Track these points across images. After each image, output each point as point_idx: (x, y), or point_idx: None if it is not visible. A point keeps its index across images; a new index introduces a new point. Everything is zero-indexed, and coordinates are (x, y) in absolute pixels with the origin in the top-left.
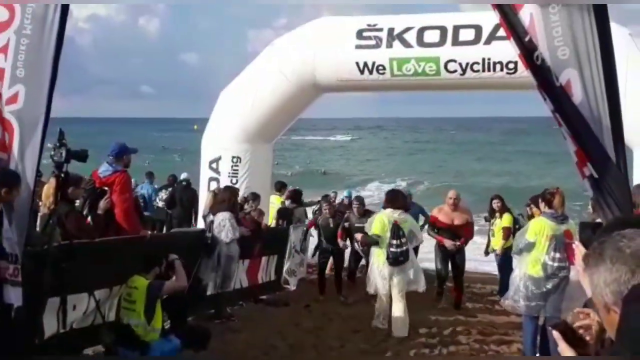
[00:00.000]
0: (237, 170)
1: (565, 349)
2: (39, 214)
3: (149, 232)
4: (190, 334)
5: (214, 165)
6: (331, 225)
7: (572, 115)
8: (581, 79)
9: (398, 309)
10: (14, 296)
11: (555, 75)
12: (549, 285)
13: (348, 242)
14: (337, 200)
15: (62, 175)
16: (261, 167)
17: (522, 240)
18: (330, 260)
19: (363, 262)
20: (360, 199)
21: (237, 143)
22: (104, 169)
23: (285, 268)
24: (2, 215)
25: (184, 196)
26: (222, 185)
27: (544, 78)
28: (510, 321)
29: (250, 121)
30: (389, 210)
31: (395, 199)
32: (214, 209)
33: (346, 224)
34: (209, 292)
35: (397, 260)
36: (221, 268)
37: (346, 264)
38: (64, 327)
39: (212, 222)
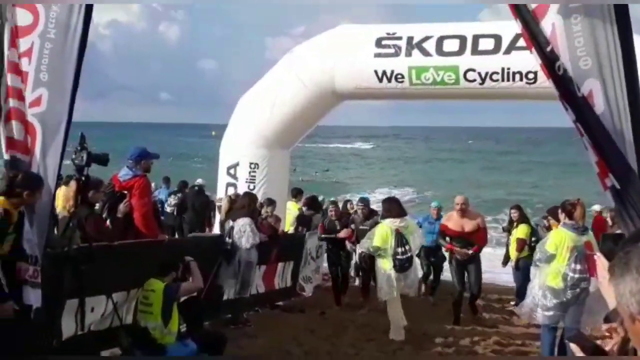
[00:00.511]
0: (254, 176)
1: None
2: (59, 217)
3: (167, 237)
4: (206, 338)
5: (231, 171)
6: (338, 228)
7: (594, 125)
8: (603, 89)
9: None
10: (34, 297)
11: (577, 86)
12: (569, 297)
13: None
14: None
15: (83, 178)
16: (278, 174)
17: (543, 251)
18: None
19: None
20: (365, 201)
21: (255, 149)
22: (124, 173)
23: (301, 275)
24: (23, 217)
25: (196, 202)
26: (239, 191)
27: (566, 88)
28: (528, 332)
29: (268, 128)
30: (388, 220)
31: (391, 208)
32: (231, 214)
33: (352, 226)
34: (227, 297)
35: (403, 267)
36: (240, 274)
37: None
38: (82, 329)
39: (232, 227)
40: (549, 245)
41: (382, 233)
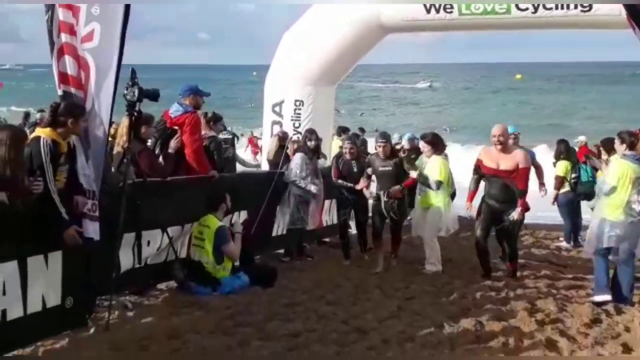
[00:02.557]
0: (299, 113)
1: None
2: (113, 153)
3: (217, 173)
4: (258, 272)
5: (277, 109)
6: (354, 169)
7: None
8: None
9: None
10: (92, 230)
11: None
12: (629, 228)
13: (373, 190)
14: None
15: (135, 114)
16: (323, 110)
17: (604, 183)
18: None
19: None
20: (385, 136)
21: (300, 86)
22: (175, 109)
23: None
24: (74, 149)
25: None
26: (284, 129)
27: (634, 7)
28: (580, 266)
29: (313, 64)
30: (441, 157)
31: (437, 141)
32: (277, 155)
33: (368, 170)
34: (280, 233)
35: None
36: (291, 206)
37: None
38: (139, 262)
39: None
40: (611, 178)
41: (445, 167)
